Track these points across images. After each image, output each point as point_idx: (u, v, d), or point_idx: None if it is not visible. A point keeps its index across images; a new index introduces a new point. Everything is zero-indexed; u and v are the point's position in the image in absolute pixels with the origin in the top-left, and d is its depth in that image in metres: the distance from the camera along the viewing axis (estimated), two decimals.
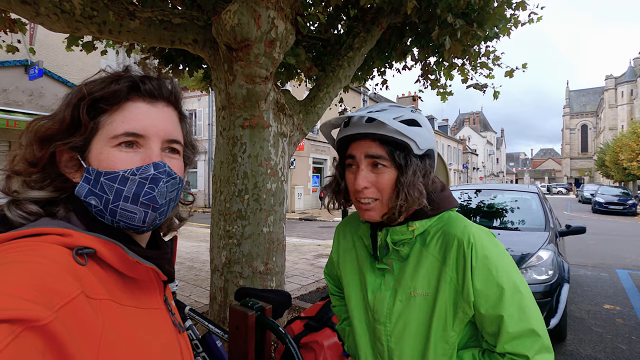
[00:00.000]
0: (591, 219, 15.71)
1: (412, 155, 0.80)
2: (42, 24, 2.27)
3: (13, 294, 0.37)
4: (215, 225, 2.85)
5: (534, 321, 0.75)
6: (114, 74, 0.57)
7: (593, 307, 4.32)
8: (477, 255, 0.77)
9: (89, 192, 0.53)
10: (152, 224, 0.56)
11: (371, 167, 0.81)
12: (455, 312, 0.79)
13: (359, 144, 0.82)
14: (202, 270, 5.93)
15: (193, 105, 18.94)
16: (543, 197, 4.76)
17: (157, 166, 0.55)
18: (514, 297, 0.75)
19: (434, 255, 0.83)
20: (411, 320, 0.83)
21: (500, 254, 0.79)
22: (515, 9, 3.81)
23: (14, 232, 0.46)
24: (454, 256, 0.79)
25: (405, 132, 0.78)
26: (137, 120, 0.54)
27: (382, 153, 0.79)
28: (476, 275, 0.77)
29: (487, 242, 0.80)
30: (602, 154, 36.68)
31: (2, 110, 7.13)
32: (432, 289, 0.82)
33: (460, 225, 0.82)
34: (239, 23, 2.20)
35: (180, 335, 0.62)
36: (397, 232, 0.85)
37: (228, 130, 2.74)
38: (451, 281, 0.79)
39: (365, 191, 0.81)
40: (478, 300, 0.77)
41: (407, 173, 0.79)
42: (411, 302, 0.83)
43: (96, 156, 0.53)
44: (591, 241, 9.27)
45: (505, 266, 0.78)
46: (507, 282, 0.76)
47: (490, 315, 0.76)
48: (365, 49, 3.48)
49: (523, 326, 0.74)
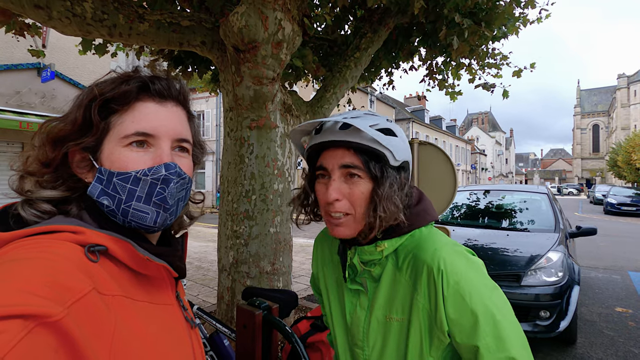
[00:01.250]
0: (603, 221, 15.44)
1: (388, 166, 0.75)
2: (54, 27, 2.32)
3: (26, 290, 0.37)
4: (222, 226, 2.88)
5: (514, 349, 0.68)
6: (124, 74, 0.57)
7: (604, 310, 4.25)
8: (448, 282, 0.71)
9: (101, 192, 0.54)
10: (162, 224, 0.57)
11: (344, 177, 0.75)
12: (431, 338, 0.74)
13: (332, 153, 0.75)
14: (210, 270, 5.98)
15: (201, 106, 19.11)
16: (553, 197, 4.70)
17: (168, 167, 0.55)
18: (489, 325, 0.69)
19: (406, 280, 0.77)
20: (388, 345, 0.80)
21: (473, 278, 0.73)
22: (524, 7, 3.78)
23: (28, 230, 0.47)
24: (425, 284, 0.74)
25: (382, 141, 0.72)
26: (147, 120, 0.55)
27: (358, 163, 0.73)
28: (449, 304, 0.71)
29: (458, 265, 0.73)
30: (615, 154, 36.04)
31: (15, 112, 7.28)
32: (406, 315, 0.77)
33: (430, 248, 0.76)
34: (246, 25, 2.22)
35: (192, 330, 0.63)
36: (365, 252, 0.79)
37: (235, 131, 2.77)
38: (424, 308, 0.74)
39: (336, 204, 0.74)
40: (452, 329, 0.72)
41: (383, 185, 0.73)
42: (387, 326, 0.80)
43: (108, 156, 0.54)
44: (602, 243, 9.11)
45: (480, 290, 0.71)
46: (482, 309, 0.70)
47: (465, 345, 0.71)
48: (372, 49, 3.48)
49: (501, 356, 0.68)
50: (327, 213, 0.77)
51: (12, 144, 7.73)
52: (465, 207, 4.96)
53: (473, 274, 0.74)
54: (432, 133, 36.10)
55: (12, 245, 0.45)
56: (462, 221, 4.65)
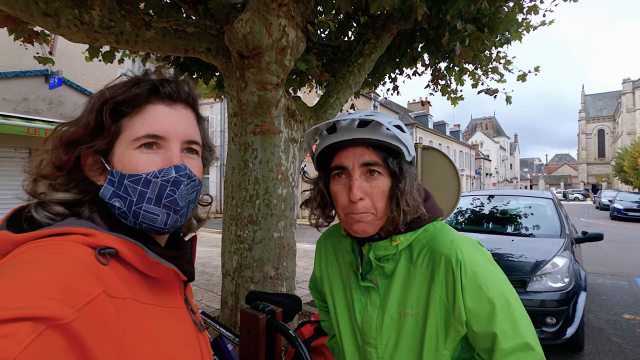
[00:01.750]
0: (609, 226, 15.27)
1: (404, 161, 0.76)
2: (62, 35, 2.36)
3: (37, 292, 0.38)
4: (226, 230, 2.88)
5: (528, 334, 0.72)
6: (134, 78, 0.58)
7: (612, 317, 4.19)
8: (466, 272, 0.73)
9: (113, 194, 0.54)
10: (173, 226, 0.57)
11: (364, 175, 0.75)
12: (447, 331, 0.75)
13: (351, 151, 0.75)
14: (214, 275, 5.98)
15: (205, 112, 19.24)
16: (558, 203, 4.67)
17: (178, 169, 0.56)
18: (505, 312, 0.72)
19: (421, 273, 0.78)
20: (402, 341, 0.79)
21: (488, 268, 0.76)
22: (527, 13, 3.79)
23: (40, 232, 0.48)
24: (443, 275, 0.75)
25: (400, 137, 0.74)
26: (157, 122, 0.56)
27: (378, 160, 0.74)
28: (467, 294, 0.73)
29: (475, 256, 0.76)
30: (620, 159, 35.74)
31: (23, 118, 7.37)
32: (421, 309, 0.77)
33: (446, 240, 0.77)
34: (250, 31, 2.25)
35: (200, 334, 0.63)
36: (380, 247, 0.80)
37: (240, 136, 2.79)
38: (441, 300, 0.75)
39: (360, 203, 0.74)
40: (470, 318, 0.73)
41: (404, 179, 0.74)
42: (401, 322, 0.79)
43: (119, 159, 0.55)
44: (609, 249, 9.01)
45: (495, 279, 0.74)
46: (498, 297, 0.73)
47: (483, 333, 0.73)
48: (375, 55, 3.50)
49: (517, 341, 0.71)
50: (348, 212, 0.76)
51: (20, 150, 7.82)
52: (469, 212, 4.94)
53: (487, 264, 0.76)
54: (436, 138, 36.05)
55: (24, 247, 0.46)
56: (467, 226, 4.63)
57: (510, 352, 0.71)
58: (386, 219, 0.77)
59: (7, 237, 0.47)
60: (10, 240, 0.47)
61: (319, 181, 0.83)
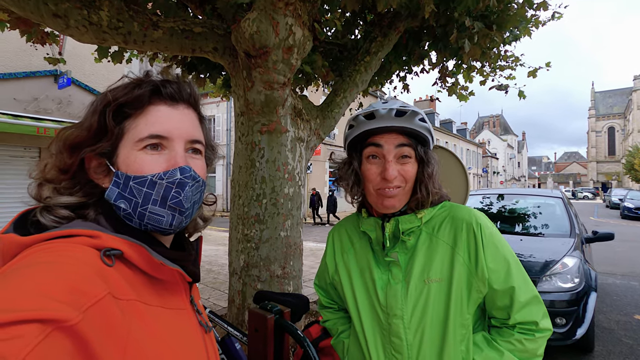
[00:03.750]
0: (620, 225, 15.05)
1: (429, 149, 0.86)
2: (71, 35, 2.38)
3: (43, 294, 0.38)
4: (233, 229, 2.89)
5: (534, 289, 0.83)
6: (136, 79, 0.58)
7: (623, 318, 4.13)
8: (485, 234, 0.83)
9: (118, 195, 0.54)
10: (178, 227, 0.57)
11: (397, 158, 0.84)
12: (470, 293, 0.82)
13: (387, 136, 0.84)
14: (221, 273, 6.01)
15: (212, 111, 19.33)
16: (568, 202, 4.60)
17: (183, 171, 0.56)
18: (517, 269, 0.83)
19: (444, 240, 0.86)
20: (428, 308, 0.84)
21: (497, 232, 0.87)
22: (536, 9, 3.73)
23: (46, 234, 0.48)
24: (465, 238, 0.84)
25: (430, 128, 0.84)
26: (160, 122, 0.56)
27: (410, 145, 0.84)
28: (487, 253, 0.82)
29: (489, 223, 0.87)
30: (631, 157, 35.17)
31: (33, 118, 7.47)
32: (445, 275, 0.84)
33: (464, 209, 0.88)
34: (257, 30, 2.24)
35: (206, 335, 0.63)
36: (405, 220, 0.87)
37: (246, 135, 2.79)
38: (464, 263, 0.82)
39: (394, 181, 0.83)
40: (491, 276, 0.81)
41: (430, 165, 0.84)
42: (425, 290, 0.84)
43: (124, 160, 0.55)
44: (620, 248, 8.87)
45: (504, 242, 0.86)
46: (510, 255, 0.83)
47: (502, 289, 0.81)
48: (382, 53, 3.48)
49: (530, 294, 0.81)
50: (380, 189, 0.85)
51: (29, 149, 7.93)
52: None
53: (495, 229, 0.88)
54: (443, 136, 35.80)
55: (31, 249, 0.46)
56: None
57: (526, 304, 0.81)
58: (409, 199, 0.87)
59: (14, 240, 0.47)
60: (17, 243, 0.47)
61: (353, 161, 0.92)
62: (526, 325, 0.81)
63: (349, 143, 0.93)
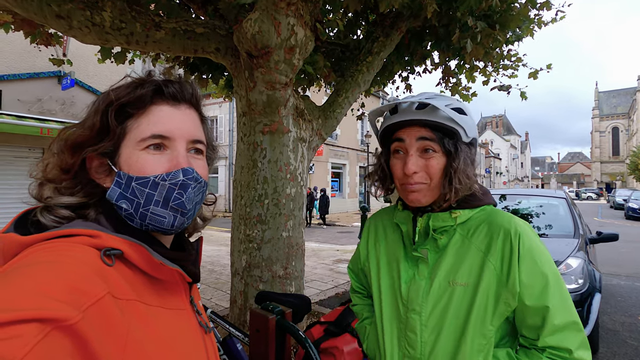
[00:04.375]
0: (624, 226, 14.94)
1: (460, 142, 0.81)
2: (74, 36, 2.39)
3: (43, 293, 0.38)
4: (235, 229, 2.89)
5: (575, 314, 0.74)
6: (138, 79, 0.58)
7: (627, 319, 4.10)
8: (524, 245, 0.77)
9: (120, 195, 0.54)
10: (179, 228, 0.57)
11: (420, 152, 0.81)
12: (496, 304, 0.77)
13: (409, 130, 0.82)
14: (223, 273, 6.02)
15: (214, 112, 19.38)
16: (571, 202, 4.57)
17: (186, 172, 0.56)
18: (556, 288, 0.75)
19: (476, 245, 0.82)
20: (449, 310, 0.81)
21: (541, 245, 0.80)
22: (539, 9, 3.72)
23: (46, 233, 0.48)
24: (500, 246, 0.79)
25: (457, 119, 0.79)
26: (162, 122, 0.56)
27: (433, 138, 0.80)
28: (522, 266, 0.76)
29: (531, 233, 0.81)
30: (636, 158, 34.95)
31: (37, 118, 7.51)
32: (472, 280, 0.80)
33: (505, 216, 0.83)
34: (259, 31, 2.24)
35: (206, 336, 0.62)
36: (439, 218, 0.84)
37: (248, 136, 2.79)
38: (494, 270, 0.78)
39: (414, 176, 0.81)
40: (523, 291, 0.75)
41: (458, 159, 0.80)
42: (449, 291, 0.81)
43: (126, 160, 0.55)
44: (624, 249, 8.81)
45: (547, 257, 0.79)
46: (551, 272, 0.76)
47: (535, 307, 0.75)
48: (385, 53, 3.47)
49: (567, 318, 0.74)
50: (404, 184, 0.84)
51: (33, 150, 7.97)
52: None
53: (540, 242, 0.81)
54: None
55: (31, 249, 0.46)
56: None
57: (560, 329, 0.73)
58: (439, 194, 0.82)
59: (15, 239, 0.47)
60: (17, 242, 0.47)
61: (381, 157, 0.92)
62: (558, 352, 0.74)
63: (379, 139, 0.92)
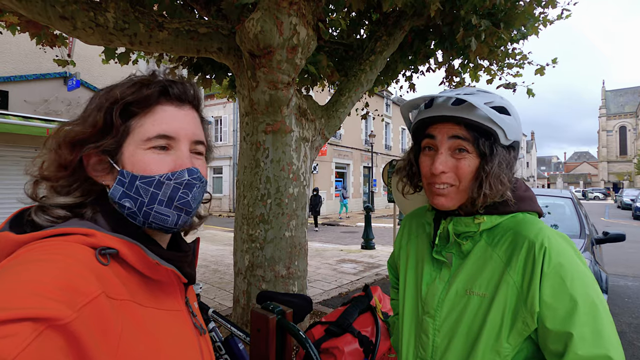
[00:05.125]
0: (631, 226, 14.77)
1: (498, 144, 0.75)
2: (78, 37, 2.41)
3: (37, 292, 0.38)
4: (238, 229, 2.90)
5: (613, 350, 0.62)
6: (143, 79, 0.58)
7: (634, 320, 4.05)
8: (550, 262, 0.68)
9: (123, 194, 0.54)
10: (182, 226, 0.58)
11: (451, 151, 0.76)
12: (514, 321, 0.70)
13: (441, 126, 0.76)
14: (226, 273, 6.03)
15: (218, 112, 19.45)
16: (577, 202, 4.53)
17: (191, 172, 0.57)
18: (589, 315, 0.64)
19: (498, 255, 0.75)
20: (463, 319, 0.77)
21: (577, 264, 0.69)
22: (544, 7, 3.68)
23: (41, 232, 0.48)
24: (522, 259, 0.71)
25: (495, 119, 0.73)
26: (167, 122, 0.56)
27: (467, 137, 0.74)
28: (546, 284, 0.67)
29: (564, 249, 0.70)
30: None
31: (43, 119, 7.59)
32: (490, 291, 0.74)
33: (535, 227, 0.74)
34: (261, 30, 2.24)
35: (201, 337, 0.62)
36: (462, 222, 0.79)
37: (251, 135, 2.79)
38: (514, 285, 0.71)
39: (442, 176, 0.75)
40: (545, 312, 0.67)
41: (492, 162, 0.73)
42: (465, 299, 0.77)
43: (129, 159, 0.55)
44: (631, 250, 8.70)
45: (584, 279, 0.67)
46: (583, 297, 0.65)
47: (557, 331, 0.65)
48: (388, 52, 3.46)
49: (597, 351, 0.62)
50: (431, 183, 0.79)
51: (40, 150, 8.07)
52: None
53: (577, 260, 0.70)
54: None
55: (25, 247, 0.46)
56: None
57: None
58: (467, 197, 0.77)
59: (10, 238, 0.47)
60: (12, 241, 0.47)
61: (410, 152, 0.87)
62: None
63: (412, 133, 0.86)
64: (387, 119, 25.42)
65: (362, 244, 8.67)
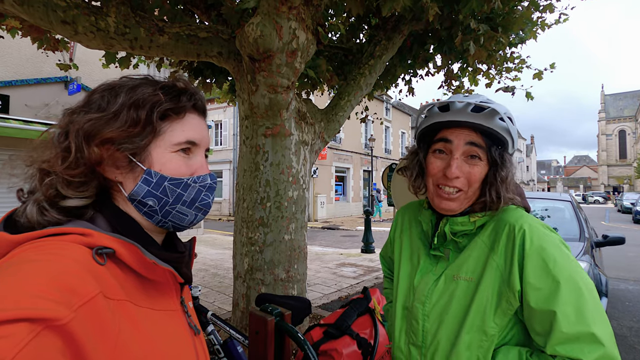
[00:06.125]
0: (632, 230, 14.74)
1: (506, 152, 0.79)
2: (80, 41, 2.43)
3: (34, 293, 0.38)
4: (238, 233, 2.90)
5: (597, 326, 0.65)
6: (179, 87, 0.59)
7: (635, 324, 4.04)
8: (532, 244, 0.72)
9: (148, 193, 0.55)
10: (194, 224, 0.62)
11: (465, 157, 0.78)
12: (499, 301, 0.74)
13: (458, 131, 0.78)
14: (226, 277, 6.02)
15: (219, 116, 19.49)
16: (577, 205, 4.53)
17: (212, 177, 0.63)
18: (571, 295, 0.67)
19: (483, 241, 0.80)
20: (451, 303, 0.80)
21: (560, 249, 0.73)
22: (542, 11, 3.71)
23: (37, 232, 0.47)
24: (504, 242, 0.76)
25: (511, 129, 0.76)
26: (194, 130, 0.60)
27: (482, 145, 0.77)
28: (528, 265, 0.71)
29: (544, 234, 0.74)
30: None
31: (44, 123, 7.61)
32: (476, 275, 0.78)
33: (516, 214, 0.79)
34: (261, 34, 2.26)
35: (196, 337, 0.62)
36: (457, 222, 0.82)
37: (251, 139, 2.80)
38: (497, 268, 0.75)
39: (455, 180, 0.78)
40: (529, 292, 0.70)
41: (503, 170, 0.77)
42: (452, 284, 0.81)
43: (158, 160, 0.56)
44: (632, 253, 8.69)
45: (567, 262, 0.71)
46: (566, 278, 0.68)
47: (541, 310, 0.69)
48: (387, 56, 3.48)
49: (580, 329, 0.65)
50: (438, 186, 0.81)
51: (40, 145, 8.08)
52: None
53: (560, 245, 0.74)
54: None
55: (21, 247, 0.46)
56: None
57: (572, 339, 0.65)
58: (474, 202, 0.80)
59: (5, 238, 0.47)
60: (7, 241, 0.46)
61: (419, 152, 0.88)
62: None
63: (419, 134, 0.88)
64: (386, 122, 25.45)
65: (362, 248, 8.66)
